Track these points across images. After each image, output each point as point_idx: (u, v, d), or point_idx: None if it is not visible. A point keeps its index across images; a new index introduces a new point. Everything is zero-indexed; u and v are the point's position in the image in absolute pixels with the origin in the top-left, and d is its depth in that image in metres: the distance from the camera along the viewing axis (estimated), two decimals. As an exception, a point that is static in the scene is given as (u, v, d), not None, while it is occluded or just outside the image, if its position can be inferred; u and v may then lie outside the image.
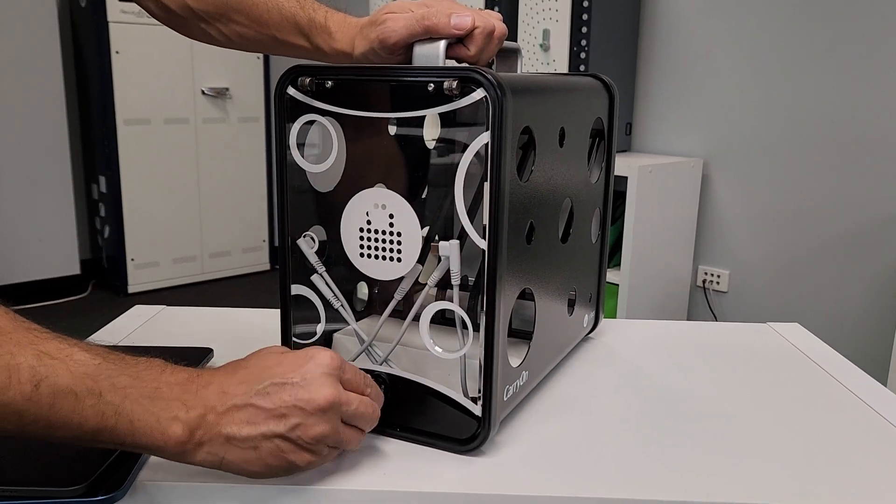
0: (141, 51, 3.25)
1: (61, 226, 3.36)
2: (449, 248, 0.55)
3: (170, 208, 3.52)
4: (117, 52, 3.20)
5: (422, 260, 0.71)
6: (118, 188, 3.32)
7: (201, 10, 0.74)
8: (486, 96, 0.50)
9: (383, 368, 0.62)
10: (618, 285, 2.18)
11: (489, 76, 0.49)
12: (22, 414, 0.42)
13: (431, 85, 0.51)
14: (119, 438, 0.44)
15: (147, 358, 0.47)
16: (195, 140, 3.53)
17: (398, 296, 0.59)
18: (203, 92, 3.50)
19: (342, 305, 0.61)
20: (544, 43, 2.28)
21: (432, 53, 0.56)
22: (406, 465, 0.54)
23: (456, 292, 0.56)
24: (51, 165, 3.28)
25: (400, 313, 0.72)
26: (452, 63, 0.60)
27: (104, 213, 3.46)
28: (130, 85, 3.27)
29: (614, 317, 2.21)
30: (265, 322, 0.84)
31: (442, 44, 0.57)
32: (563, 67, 2.26)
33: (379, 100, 0.69)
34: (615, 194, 2.23)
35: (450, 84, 0.50)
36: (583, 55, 2.24)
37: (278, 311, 0.63)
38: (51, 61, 3.22)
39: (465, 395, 0.58)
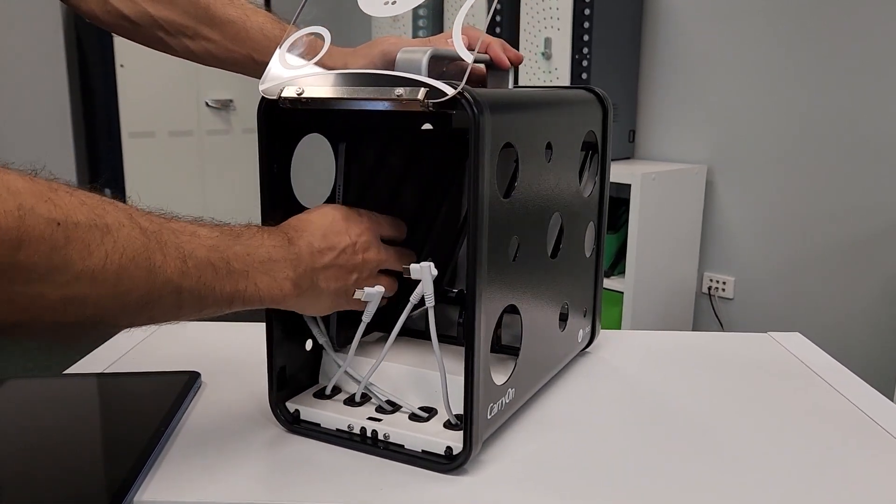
0: (145, 64, 3.26)
1: (68, 238, 3.37)
2: (420, 271, 0.55)
3: (175, 220, 3.53)
4: (122, 66, 3.22)
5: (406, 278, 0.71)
6: (123, 200, 3.32)
7: (165, 19, 0.69)
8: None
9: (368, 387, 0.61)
10: (622, 293, 2.17)
11: (466, 93, 0.48)
12: (180, 289, 0.47)
13: (402, 93, 0.50)
14: (248, 300, 0.52)
15: (245, 226, 0.56)
16: (199, 152, 3.54)
17: (365, 318, 0.59)
18: (207, 104, 3.51)
19: (326, 341, 0.63)
20: (546, 51, 2.28)
21: (415, 62, 0.55)
22: (388, 483, 0.53)
23: (431, 314, 0.55)
24: (56, 178, 3.29)
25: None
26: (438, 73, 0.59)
27: (110, 226, 3.48)
28: (135, 98, 3.29)
29: (619, 325, 2.20)
30: (262, 337, 0.84)
31: (426, 55, 0.56)
32: (566, 75, 2.26)
33: (365, 115, 0.69)
34: (619, 201, 2.24)
35: (423, 96, 0.49)
36: (585, 63, 2.23)
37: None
38: (56, 75, 3.24)
39: (449, 412, 0.57)
